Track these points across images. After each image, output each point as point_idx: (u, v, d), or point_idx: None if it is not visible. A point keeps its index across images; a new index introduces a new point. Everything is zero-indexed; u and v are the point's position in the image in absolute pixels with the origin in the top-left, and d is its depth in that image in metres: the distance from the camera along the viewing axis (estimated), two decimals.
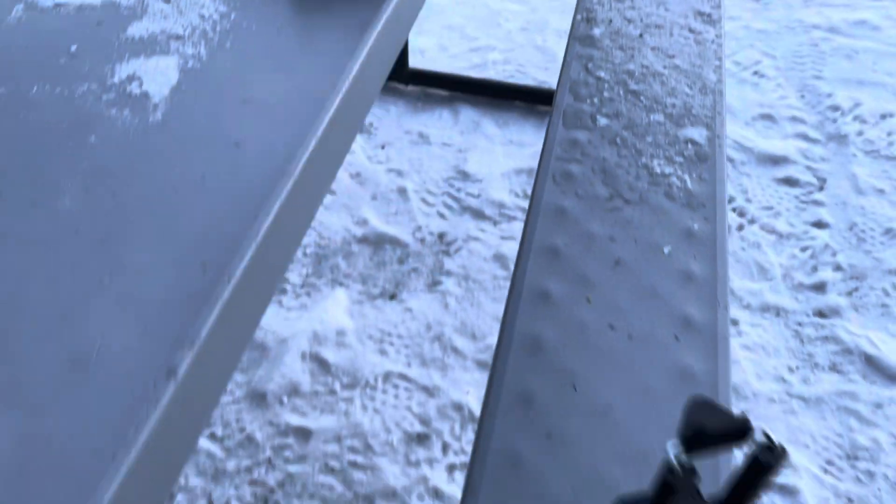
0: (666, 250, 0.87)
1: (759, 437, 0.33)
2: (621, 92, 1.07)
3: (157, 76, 0.58)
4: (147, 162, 0.52)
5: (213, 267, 0.45)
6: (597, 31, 1.18)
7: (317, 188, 0.55)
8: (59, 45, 0.61)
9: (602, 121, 1.03)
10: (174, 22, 0.63)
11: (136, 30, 0.62)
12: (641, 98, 1.06)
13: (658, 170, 0.96)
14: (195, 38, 0.62)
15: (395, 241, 1.53)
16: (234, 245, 0.46)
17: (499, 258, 1.50)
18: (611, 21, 1.19)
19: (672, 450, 0.32)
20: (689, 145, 1.00)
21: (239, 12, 0.65)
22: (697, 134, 1.02)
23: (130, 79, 0.58)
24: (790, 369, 1.34)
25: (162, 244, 0.47)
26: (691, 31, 1.18)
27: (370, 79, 0.63)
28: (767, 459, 0.33)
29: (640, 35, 1.17)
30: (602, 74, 1.09)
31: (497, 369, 0.76)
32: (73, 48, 0.61)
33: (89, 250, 0.46)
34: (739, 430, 0.32)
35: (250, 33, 0.63)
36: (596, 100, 1.05)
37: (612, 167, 0.97)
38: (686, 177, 0.96)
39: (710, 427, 0.32)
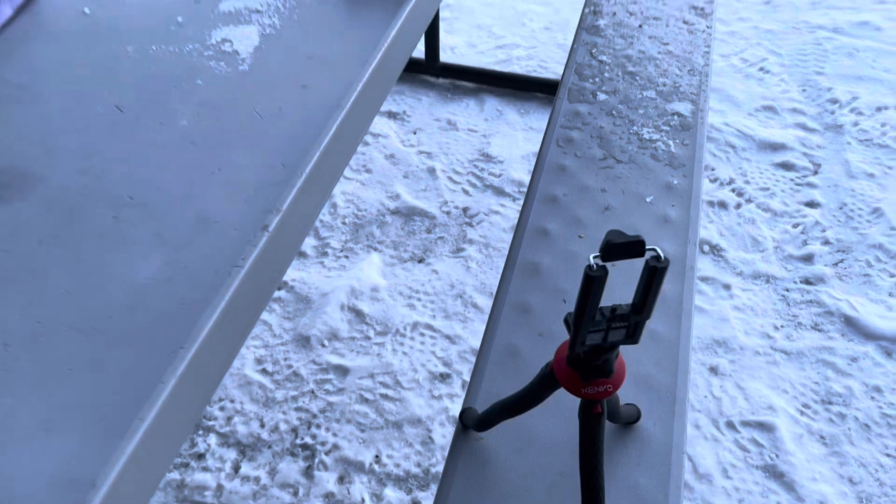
0: (648, 199, 1.04)
1: (650, 251, 0.50)
2: (620, 73, 1.24)
3: (244, 39, 0.77)
4: (239, 98, 0.71)
5: (290, 166, 0.64)
6: (602, 22, 1.35)
7: (362, 119, 0.73)
8: (169, 18, 0.80)
9: (601, 96, 1.20)
10: (253, 1, 0.82)
11: (226, 6, 0.82)
12: (637, 78, 1.23)
13: (647, 136, 1.13)
14: (270, 12, 0.81)
15: (424, 214, 1.72)
16: (303, 152, 0.65)
17: None
18: (615, 14, 1.36)
19: (592, 257, 0.49)
20: (676, 117, 1.17)
21: None
22: (683, 108, 1.18)
23: (224, 41, 0.77)
24: (775, 327, 1.49)
25: (253, 151, 0.65)
26: (685, 22, 1.35)
27: (403, 44, 0.81)
28: (655, 265, 0.50)
29: (640, 26, 1.34)
30: (604, 58, 1.27)
31: (502, 286, 0.94)
32: (180, 19, 0.80)
33: (203, 154, 0.65)
34: (637, 244, 0.49)
35: (311, 9, 0.82)
36: (597, 79, 1.23)
37: (608, 134, 1.14)
38: (670, 142, 1.12)
39: (617, 242, 0.49)
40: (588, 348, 0.55)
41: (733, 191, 1.77)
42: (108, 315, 0.53)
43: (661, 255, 0.50)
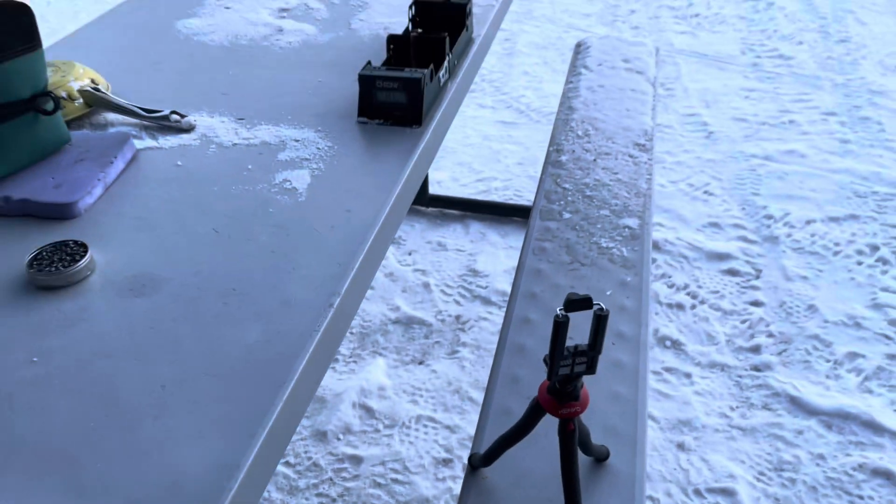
0: (608, 293, 1.31)
1: (596, 305, 0.75)
2: (580, 197, 1.54)
3: (299, 179, 1.05)
4: (301, 220, 0.97)
5: (343, 264, 0.89)
6: (564, 158, 1.67)
7: (388, 233, 1.00)
8: (242, 166, 1.08)
9: (566, 215, 1.49)
10: (303, 152, 1.11)
11: (283, 155, 1.10)
12: (594, 200, 1.53)
13: (604, 245, 1.41)
14: (316, 159, 1.09)
15: (421, 322, 1.96)
16: (352, 254, 0.91)
17: None
18: (573, 151, 1.69)
19: (558, 309, 0.74)
20: (626, 229, 1.45)
21: (339, 145, 1.13)
22: (632, 222, 1.47)
23: (284, 181, 1.05)
24: (731, 408, 1.72)
25: (316, 255, 0.91)
26: (630, 156, 1.67)
27: (413, 180, 1.10)
28: (600, 313, 0.75)
29: (594, 160, 1.65)
30: (567, 186, 1.57)
31: (496, 362, 1.18)
32: (250, 167, 1.08)
33: (280, 259, 0.91)
34: (587, 300, 0.74)
35: (347, 156, 1.10)
36: (562, 202, 1.53)
37: (573, 244, 1.42)
38: (623, 249, 1.40)
39: (574, 299, 0.74)
40: (561, 377, 0.79)
41: (688, 294, 2.04)
42: (230, 365, 0.77)
43: (604, 307, 0.75)
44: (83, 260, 0.88)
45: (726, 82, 3.08)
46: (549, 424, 0.94)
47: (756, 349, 1.87)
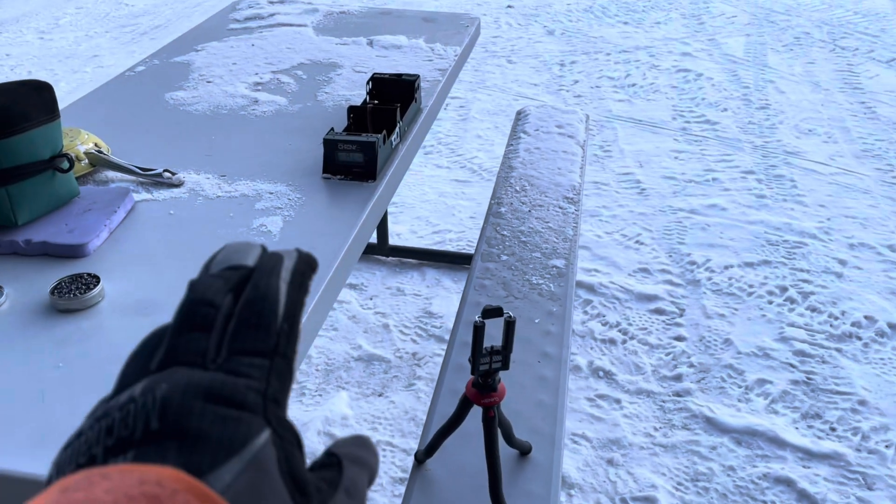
0: (536, 321, 1.53)
1: (506, 314, 0.96)
2: (516, 242, 1.78)
3: (273, 224, 1.27)
4: None
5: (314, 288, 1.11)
6: (503, 209, 1.92)
7: (348, 265, 1.22)
8: (225, 213, 1.30)
9: (504, 257, 1.73)
10: (276, 202, 1.34)
11: (259, 205, 1.32)
12: (528, 244, 1.77)
13: (535, 282, 1.65)
14: (287, 208, 1.32)
15: (381, 359, 2.16)
16: (317, 282, 1.12)
17: None
18: (512, 203, 1.94)
19: (477, 317, 0.96)
20: (554, 269, 1.69)
21: (306, 197, 1.35)
22: (560, 263, 1.72)
23: (261, 225, 1.27)
24: (655, 429, 1.94)
25: None
26: (560, 207, 1.92)
27: (370, 223, 1.32)
28: (509, 320, 0.97)
29: (529, 211, 1.91)
30: (505, 233, 1.81)
31: (440, 377, 1.39)
32: (231, 214, 1.30)
33: None
34: (499, 310, 0.96)
35: (312, 205, 1.33)
36: (501, 246, 1.76)
37: (509, 281, 1.65)
38: (551, 285, 1.64)
39: (489, 308, 0.96)
40: (482, 373, 1.00)
41: (620, 331, 2.28)
42: None
43: (512, 315, 0.98)
44: (96, 288, 1.08)
45: (658, 145, 3.40)
46: (480, 425, 1.15)
47: (678, 378, 2.10)
